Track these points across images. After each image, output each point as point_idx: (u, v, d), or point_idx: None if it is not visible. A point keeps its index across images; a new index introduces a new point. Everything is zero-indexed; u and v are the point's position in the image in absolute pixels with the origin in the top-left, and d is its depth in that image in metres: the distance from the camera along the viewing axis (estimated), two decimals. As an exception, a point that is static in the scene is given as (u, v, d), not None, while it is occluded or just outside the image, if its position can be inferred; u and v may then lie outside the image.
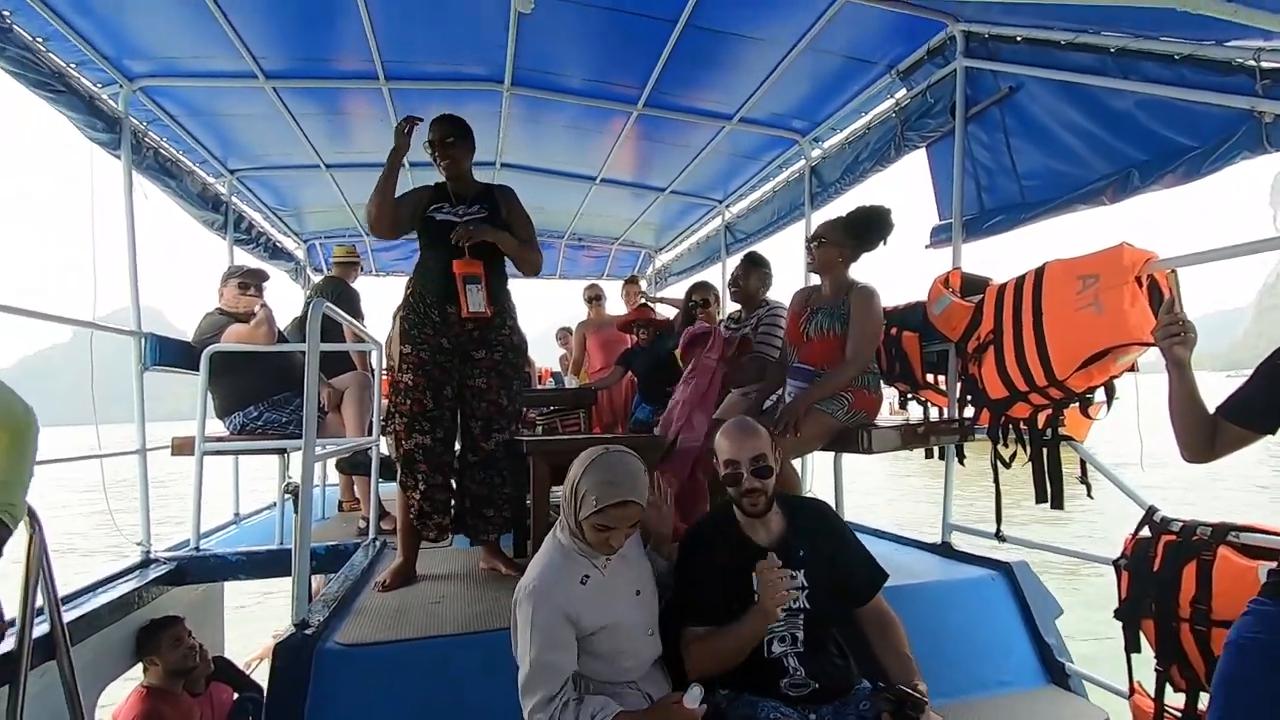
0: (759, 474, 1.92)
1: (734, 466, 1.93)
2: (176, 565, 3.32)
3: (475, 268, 2.65)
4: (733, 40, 3.31)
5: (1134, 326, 2.16)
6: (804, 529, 2.00)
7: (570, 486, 1.78)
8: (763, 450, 1.94)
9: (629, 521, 1.74)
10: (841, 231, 2.85)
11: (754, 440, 1.95)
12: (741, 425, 2.00)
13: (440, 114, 2.70)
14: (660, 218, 6.46)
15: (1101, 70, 2.43)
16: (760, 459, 1.92)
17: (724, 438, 1.99)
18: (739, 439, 1.96)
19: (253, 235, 5.29)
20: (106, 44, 3.11)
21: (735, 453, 1.94)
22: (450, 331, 2.70)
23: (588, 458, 1.79)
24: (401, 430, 2.69)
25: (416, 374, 2.67)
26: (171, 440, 3.57)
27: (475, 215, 2.71)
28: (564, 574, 1.73)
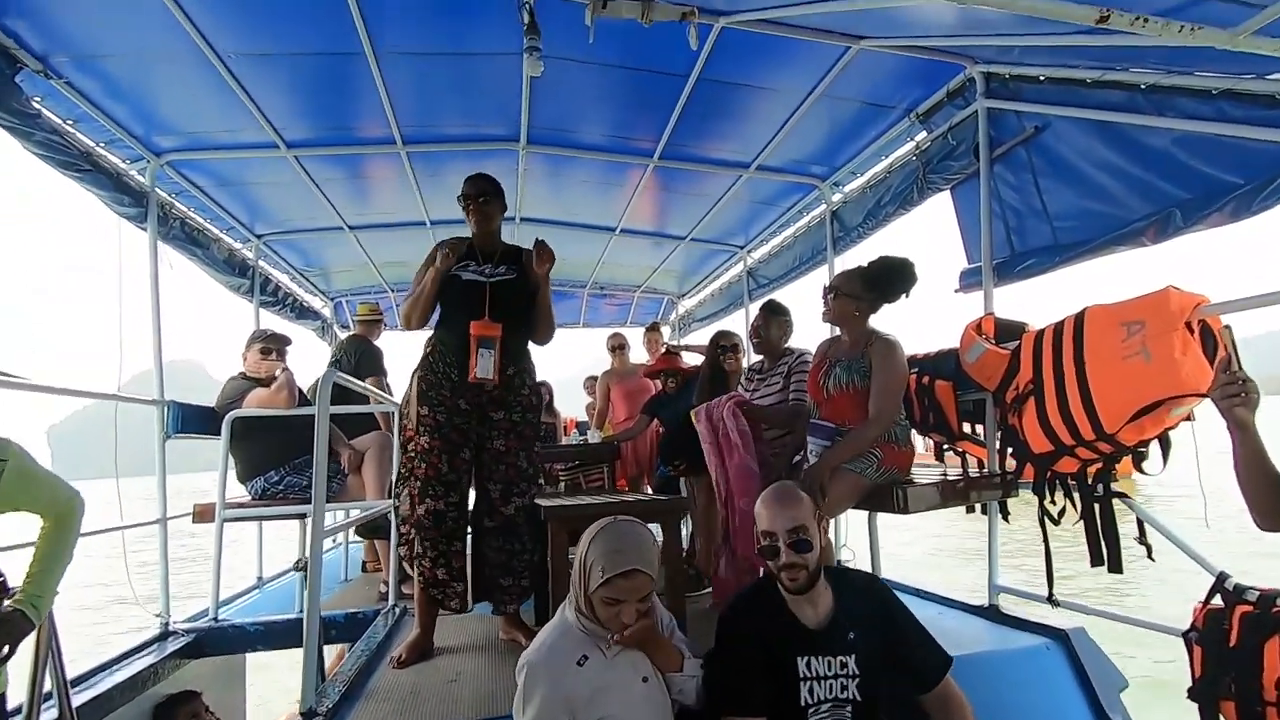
0: (797, 548, 1.77)
1: (770, 538, 1.81)
2: (195, 638, 3.26)
3: (493, 331, 2.60)
4: (745, 91, 3.29)
5: (1187, 376, 2.01)
6: (854, 608, 1.86)
7: (578, 560, 1.71)
8: (802, 521, 1.79)
9: (638, 594, 1.66)
10: (859, 283, 2.75)
11: (793, 509, 1.81)
12: (781, 492, 1.88)
13: (475, 173, 2.73)
14: (682, 264, 6.43)
15: (1133, 107, 2.33)
16: (799, 530, 1.78)
17: (761, 504, 1.88)
18: (776, 507, 1.83)
19: (279, 297, 5.37)
20: (134, 122, 3.21)
21: (771, 522, 1.81)
22: (468, 392, 2.63)
23: (596, 528, 1.74)
24: (415, 495, 2.61)
25: (432, 437, 2.59)
26: (193, 508, 3.55)
27: (503, 276, 2.69)
28: (561, 653, 1.65)
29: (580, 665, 1.63)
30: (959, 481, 2.79)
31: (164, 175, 3.60)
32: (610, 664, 1.67)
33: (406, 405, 2.71)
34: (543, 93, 3.34)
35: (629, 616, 1.66)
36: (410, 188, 4.27)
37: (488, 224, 2.72)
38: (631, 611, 1.66)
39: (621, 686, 1.66)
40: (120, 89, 2.94)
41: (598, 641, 1.67)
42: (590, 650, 1.66)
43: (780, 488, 1.91)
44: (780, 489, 1.90)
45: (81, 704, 2.47)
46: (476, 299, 2.61)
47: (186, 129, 3.37)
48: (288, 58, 2.89)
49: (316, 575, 2.18)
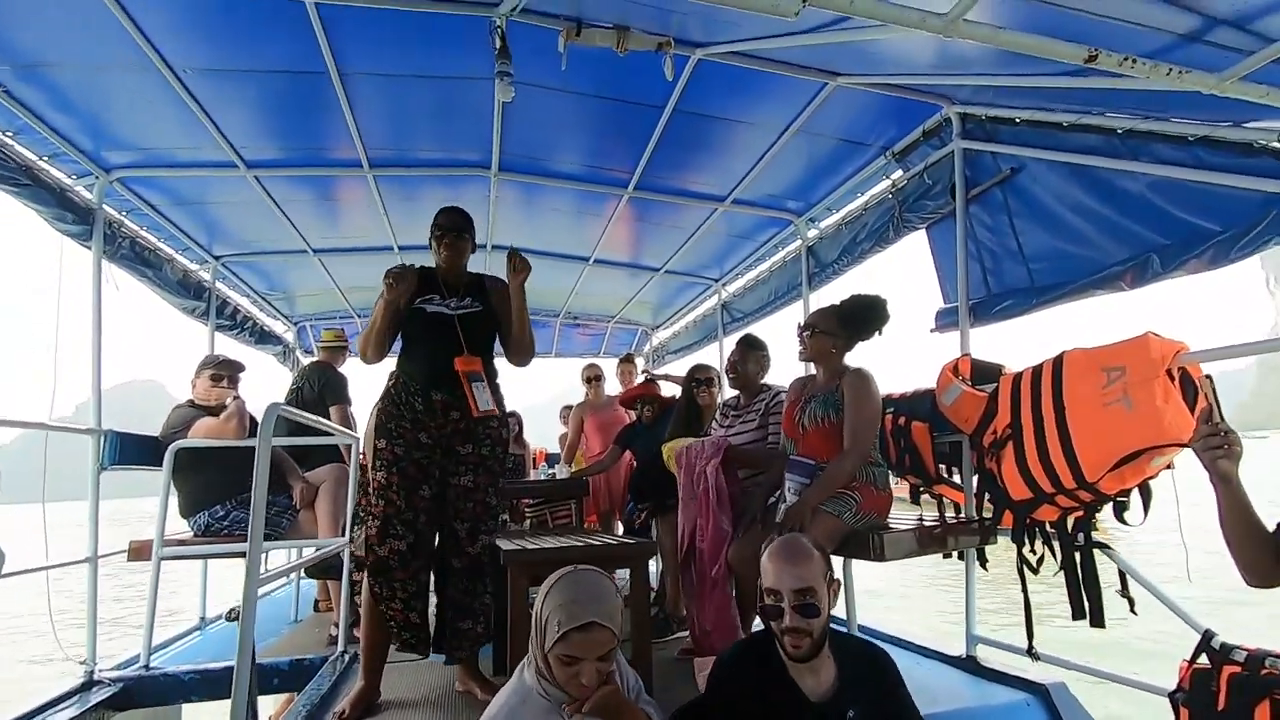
0: (804, 611, 1.60)
1: (774, 597, 1.65)
2: (122, 687, 3.01)
3: (475, 365, 2.53)
4: (721, 124, 3.25)
5: (1170, 425, 1.97)
6: (857, 682, 1.69)
7: (535, 615, 1.59)
8: (811, 582, 1.62)
9: (597, 651, 1.52)
10: (835, 321, 2.70)
11: (802, 567, 1.65)
12: (790, 547, 1.71)
13: (450, 205, 2.64)
14: (656, 296, 6.37)
15: (1109, 152, 2.32)
16: (807, 594, 1.61)
17: (768, 558, 1.71)
18: (783, 563, 1.66)
19: (237, 320, 5.17)
20: (82, 136, 3.05)
21: (777, 579, 1.65)
22: (433, 423, 2.50)
23: (553, 579, 1.62)
24: (374, 535, 2.44)
25: (390, 472, 2.44)
26: (129, 545, 3.31)
27: (468, 309, 2.58)
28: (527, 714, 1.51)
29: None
30: (936, 528, 2.70)
31: (114, 192, 3.44)
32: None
33: (366, 440, 2.56)
34: (515, 119, 3.27)
35: (589, 678, 1.52)
36: (378, 212, 4.15)
37: (458, 259, 2.62)
38: (591, 672, 1.51)
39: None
40: (67, 101, 2.79)
41: (560, 708, 1.53)
42: (550, 717, 1.51)
43: (790, 541, 1.74)
44: (790, 543, 1.73)
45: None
46: (447, 333, 2.52)
47: (139, 144, 3.21)
48: (247, 75, 2.78)
49: (249, 627, 1.99)
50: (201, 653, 3.80)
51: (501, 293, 2.69)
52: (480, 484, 2.56)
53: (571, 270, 5.53)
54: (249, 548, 2.00)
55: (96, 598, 3.11)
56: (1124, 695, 2.40)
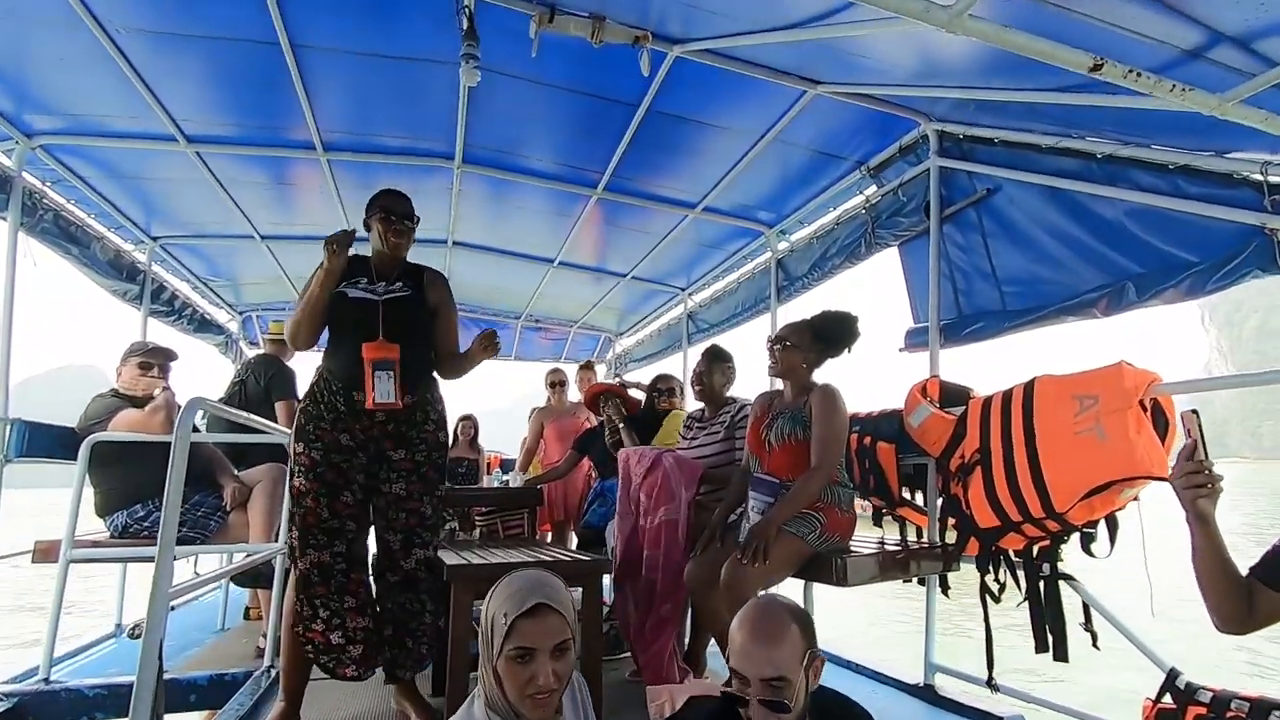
0: (772, 706, 1.37)
1: (740, 683, 1.41)
2: (16, 703, 2.73)
3: (389, 352, 2.28)
4: (696, 128, 3.15)
5: (1142, 457, 1.93)
6: None
7: (483, 629, 1.43)
8: (784, 671, 1.37)
9: (552, 638, 1.37)
10: (808, 336, 2.62)
11: (775, 650, 1.39)
12: (764, 623, 1.44)
13: (394, 188, 2.45)
14: (622, 302, 6.25)
15: (1087, 176, 2.29)
16: (778, 682, 1.37)
17: (738, 630, 1.45)
18: (754, 644, 1.40)
19: (175, 307, 4.86)
20: (2, 99, 2.79)
21: (744, 662, 1.40)
22: (357, 424, 2.31)
23: (498, 583, 1.48)
24: (297, 546, 2.26)
25: (307, 478, 2.26)
26: (34, 545, 3.03)
27: (395, 294, 2.38)
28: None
29: None
30: (899, 553, 2.63)
31: (36, 160, 3.16)
32: None
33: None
34: (482, 109, 3.11)
35: (545, 678, 1.35)
36: (331, 198, 3.93)
37: (405, 247, 2.44)
38: (548, 672, 1.35)
39: None
40: (-19, 58, 2.54)
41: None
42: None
43: (765, 614, 1.46)
44: (765, 616, 1.46)
45: None
46: (367, 319, 2.31)
47: (67, 110, 2.96)
48: (190, 40, 2.56)
49: (154, 641, 1.80)
50: (113, 664, 3.51)
51: (441, 290, 2.53)
52: (413, 492, 2.39)
53: (536, 272, 5.37)
54: (159, 553, 1.82)
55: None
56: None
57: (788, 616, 1.45)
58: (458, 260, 5.18)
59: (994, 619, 2.47)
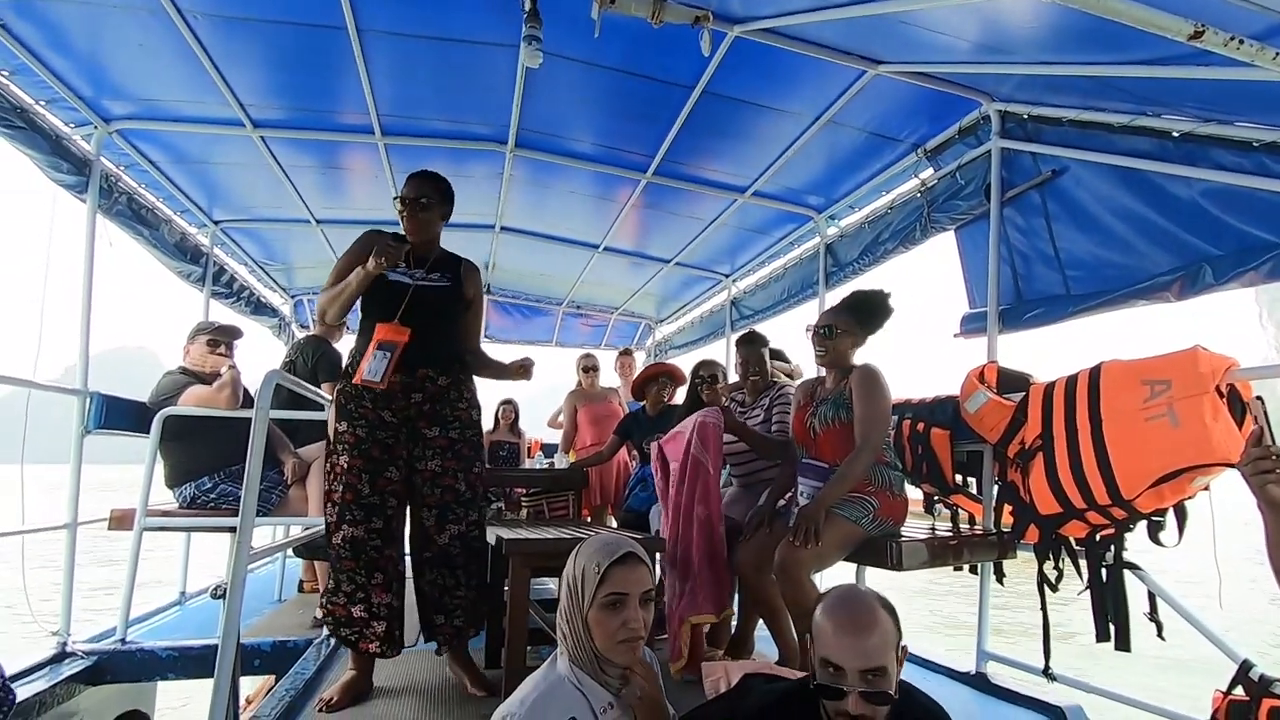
0: (872, 698, 1.32)
1: (834, 674, 1.35)
2: (95, 661, 2.88)
3: (398, 335, 2.31)
4: (751, 110, 3.13)
5: (1218, 444, 1.87)
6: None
7: (567, 587, 1.49)
8: (882, 661, 1.33)
9: (642, 587, 1.44)
10: (851, 319, 2.60)
11: (873, 638, 1.35)
12: (855, 610, 1.39)
13: (420, 170, 2.45)
14: (663, 289, 6.25)
15: (1162, 156, 2.22)
16: (878, 673, 1.33)
17: (827, 620, 1.40)
18: (849, 634, 1.35)
19: (234, 289, 5.01)
20: (82, 82, 2.91)
21: (840, 652, 1.34)
22: (394, 403, 2.36)
23: (578, 547, 1.55)
24: (333, 521, 2.32)
25: (352, 455, 2.31)
26: (110, 513, 3.18)
27: (434, 282, 2.42)
28: (548, 712, 1.39)
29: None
30: (953, 538, 2.60)
31: (112, 144, 3.29)
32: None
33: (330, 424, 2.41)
34: (537, 92, 3.14)
35: (636, 620, 1.41)
36: (385, 183, 4.01)
37: (424, 232, 2.43)
38: (637, 615, 1.41)
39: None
40: (67, 42, 2.65)
41: (592, 701, 1.42)
42: (581, 711, 1.40)
43: (855, 603, 1.41)
44: (854, 603, 1.41)
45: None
46: (393, 302, 2.34)
47: (141, 95, 3.07)
48: (260, 25, 2.63)
49: (236, 604, 1.88)
50: (180, 628, 3.67)
51: (477, 284, 2.57)
52: (448, 469, 2.43)
53: (580, 257, 5.40)
54: (240, 521, 1.90)
55: (74, 566, 2.98)
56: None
57: (877, 605, 1.42)
58: (503, 246, 5.24)
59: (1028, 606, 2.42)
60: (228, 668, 1.79)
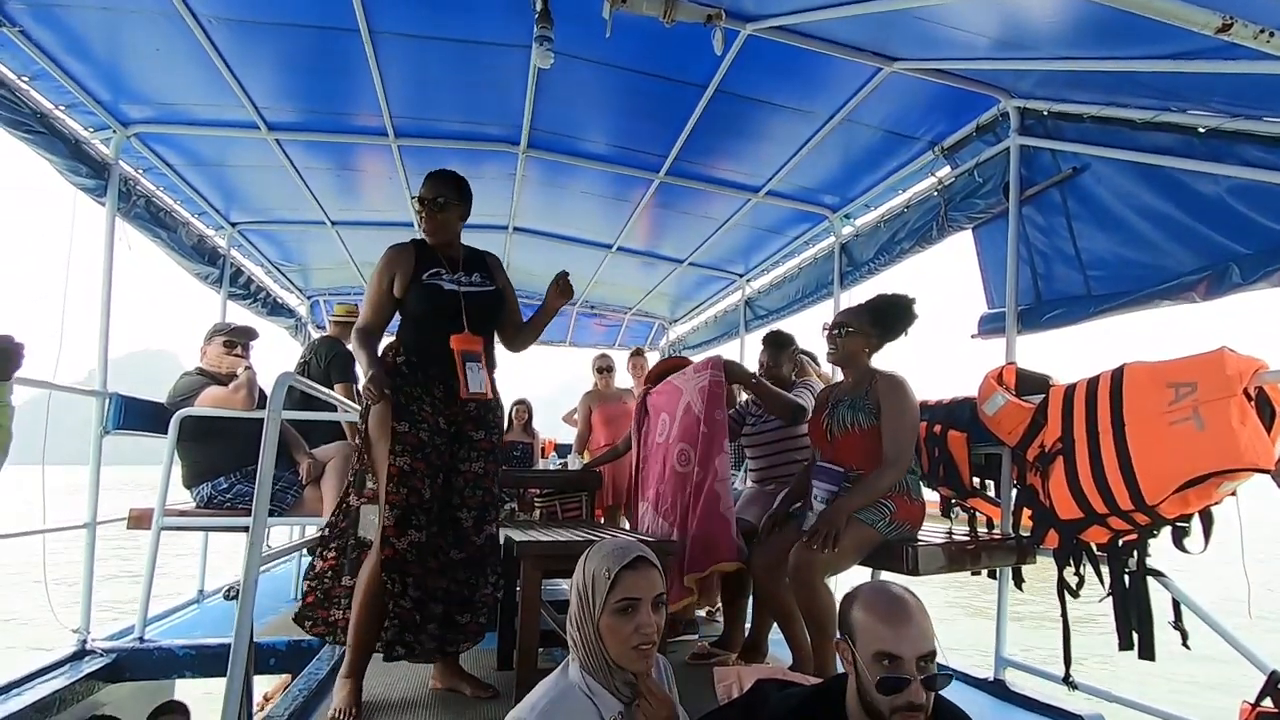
0: (931, 683, 1.30)
1: (895, 665, 1.31)
2: (115, 659, 2.92)
3: (476, 345, 2.38)
4: (765, 109, 3.10)
5: (1247, 449, 1.81)
6: None
7: (577, 593, 1.47)
8: (934, 645, 1.33)
9: (654, 591, 1.42)
10: (867, 320, 2.57)
11: (923, 625, 1.34)
12: (899, 602, 1.38)
13: (438, 170, 2.44)
14: (676, 289, 6.23)
15: (1187, 152, 2.16)
16: (931, 657, 1.32)
17: (877, 619, 1.36)
18: (903, 623, 1.33)
19: (250, 290, 5.06)
20: (101, 87, 2.94)
21: (896, 644, 1.31)
22: (449, 410, 2.37)
23: (589, 551, 1.52)
24: (392, 526, 2.24)
25: (414, 458, 2.26)
26: (129, 512, 3.22)
27: (477, 288, 2.44)
28: (560, 717, 1.37)
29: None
30: (971, 543, 2.56)
31: (130, 148, 3.33)
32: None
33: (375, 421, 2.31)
34: (549, 93, 3.14)
35: (649, 625, 1.38)
36: (399, 185, 4.03)
37: (444, 233, 2.41)
38: (650, 619, 1.38)
39: None
40: (86, 47, 2.68)
41: (602, 710, 1.39)
42: (595, 717, 1.38)
43: (891, 594, 1.40)
44: (892, 595, 1.40)
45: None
46: (450, 309, 2.36)
47: (159, 99, 3.10)
48: (274, 28, 2.65)
49: (249, 602, 1.90)
50: (197, 627, 3.72)
51: (501, 272, 2.59)
52: (489, 471, 2.45)
53: (593, 258, 5.39)
54: (253, 522, 1.91)
55: (93, 565, 3.02)
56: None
57: (910, 595, 1.42)
58: (516, 246, 5.24)
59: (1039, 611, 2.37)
60: (240, 667, 1.80)
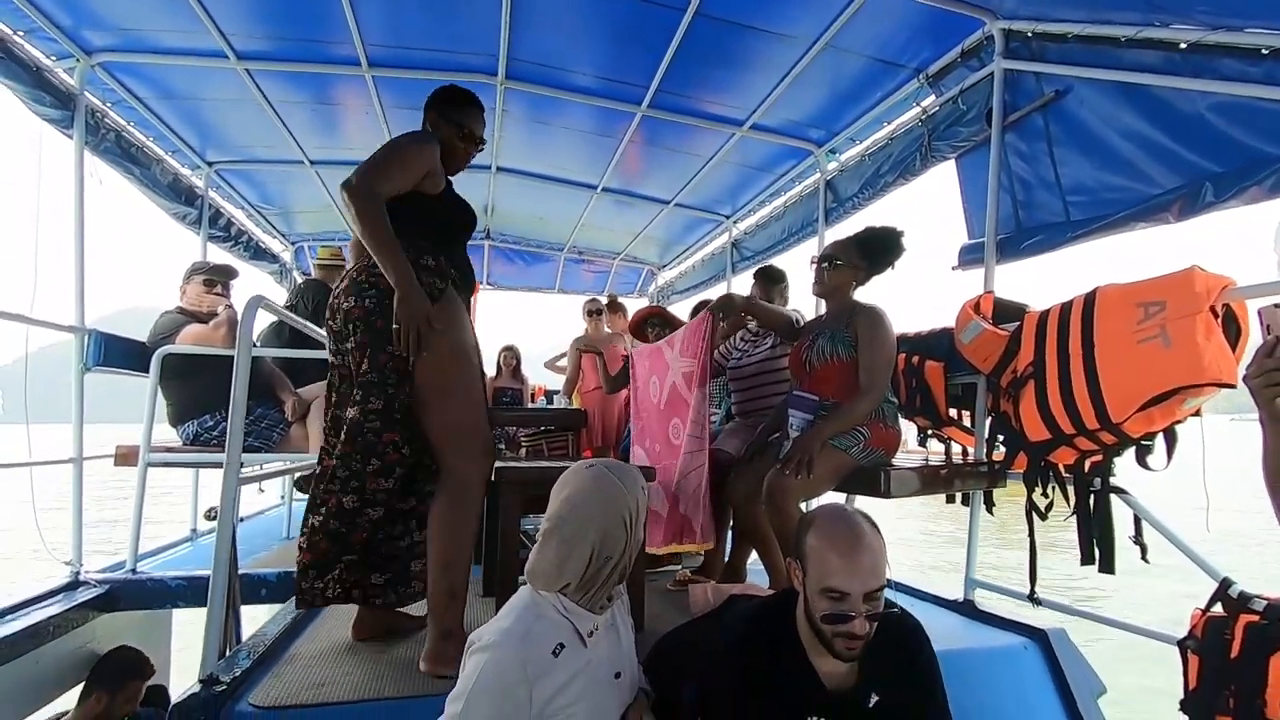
0: (879, 617, 1.39)
1: (843, 601, 1.37)
2: (108, 589, 2.99)
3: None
4: (746, 34, 3.02)
5: (1210, 364, 1.84)
6: (884, 665, 1.47)
7: (623, 520, 1.47)
8: (883, 580, 1.39)
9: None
10: (856, 252, 2.57)
11: (875, 560, 1.39)
12: (854, 534, 1.41)
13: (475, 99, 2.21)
14: (664, 232, 6.18)
15: (1168, 69, 2.13)
16: (879, 593, 1.39)
17: (829, 549, 1.41)
18: (854, 557, 1.38)
19: (231, 233, 5.00)
20: (60, 12, 2.84)
21: (848, 580, 1.37)
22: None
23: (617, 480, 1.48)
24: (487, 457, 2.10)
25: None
26: (115, 449, 3.25)
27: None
28: (537, 639, 1.37)
29: (555, 655, 1.36)
30: (944, 468, 2.62)
31: (96, 79, 3.23)
32: (587, 655, 1.41)
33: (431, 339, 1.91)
34: (526, 20, 3.05)
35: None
36: (377, 119, 3.94)
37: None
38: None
39: (593, 682, 1.41)
40: (40, -32, 2.59)
41: (579, 626, 1.42)
42: (569, 638, 1.40)
43: (849, 525, 1.44)
44: (850, 526, 1.43)
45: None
46: (471, 224, 2.18)
47: (121, 25, 3.00)
48: (236, -55, 2.56)
49: (228, 518, 1.95)
50: (191, 562, 3.78)
51: None
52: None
53: (579, 199, 5.33)
54: (228, 444, 1.93)
55: (81, 499, 3.06)
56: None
57: (863, 521, 1.45)
58: (501, 188, 5.17)
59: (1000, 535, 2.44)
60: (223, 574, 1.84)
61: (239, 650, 2.02)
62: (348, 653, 2.08)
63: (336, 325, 2.03)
